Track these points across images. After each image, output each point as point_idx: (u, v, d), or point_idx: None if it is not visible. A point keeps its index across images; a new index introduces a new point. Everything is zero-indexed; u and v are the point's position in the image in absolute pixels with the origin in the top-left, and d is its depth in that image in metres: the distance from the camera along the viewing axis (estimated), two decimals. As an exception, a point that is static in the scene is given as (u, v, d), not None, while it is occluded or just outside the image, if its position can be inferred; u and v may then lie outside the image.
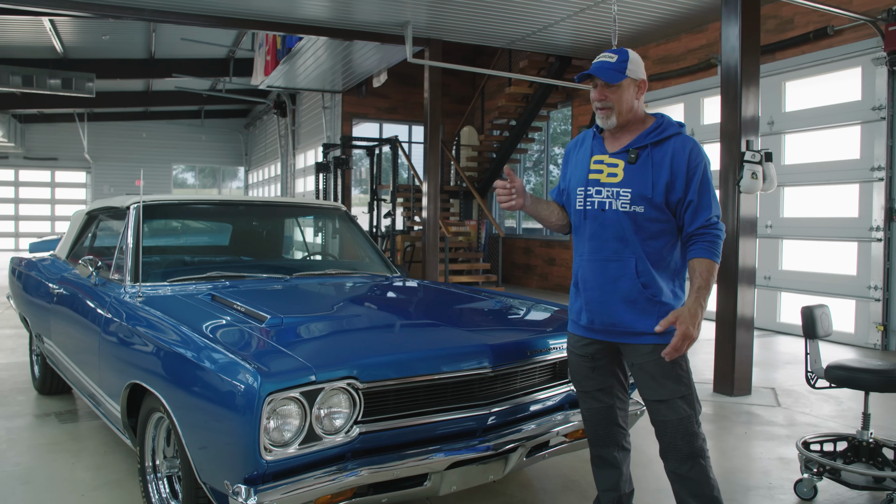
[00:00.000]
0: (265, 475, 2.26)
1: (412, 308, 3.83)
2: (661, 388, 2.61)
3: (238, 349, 2.53)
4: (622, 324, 2.64)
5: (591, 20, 9.27)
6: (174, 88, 18.78)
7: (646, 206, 2.59)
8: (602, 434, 2.84)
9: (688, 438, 2.61)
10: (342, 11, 8.95)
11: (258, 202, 4.85)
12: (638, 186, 2.60)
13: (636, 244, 2.61)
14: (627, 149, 2.65)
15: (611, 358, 2.77)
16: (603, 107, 2.65)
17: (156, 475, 3.02)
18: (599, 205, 2.66)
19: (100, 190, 23.13)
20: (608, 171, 2.66)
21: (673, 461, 2.66)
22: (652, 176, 2.59)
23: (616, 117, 2.64)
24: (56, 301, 4.34)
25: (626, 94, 2.63)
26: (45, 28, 12.46)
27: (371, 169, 13.22)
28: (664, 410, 2.62)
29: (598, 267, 2.67)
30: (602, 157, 2.70)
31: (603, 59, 2.66)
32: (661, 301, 2.61)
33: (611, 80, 2.61)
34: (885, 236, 7.48)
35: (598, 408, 2.81)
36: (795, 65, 8.45)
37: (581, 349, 2.79)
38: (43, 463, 3.91)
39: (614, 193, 2.63)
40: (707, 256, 2.55)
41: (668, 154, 2.60)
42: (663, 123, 2.67)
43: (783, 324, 8.72)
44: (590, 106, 12.00)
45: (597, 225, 2.67)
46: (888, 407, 5.16)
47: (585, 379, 2.80)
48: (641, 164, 2.61)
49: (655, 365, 2.61)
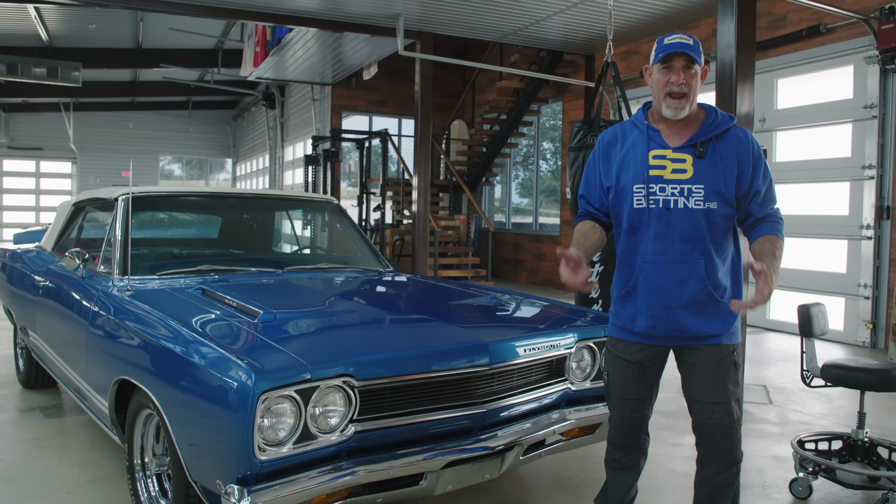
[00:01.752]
0: (258, 475, 2.20)
1: (407, 304, 3.78)
2: (722, 389, 2.51)
3: (231, 345, 2.48)
4: (690, 329, 2.51)
5: (584, 15, 9.22)
6: (162, 79, 18.54)
7: (719, 201, 2.46)
8: (630, 442, 2.71)
9: (736, 443, 2.53)
10: (333, 3, 8.85)
11: (249, 195, 4.78)
12: (710, 181, 2.45)
13: (706, 243, 2.47)
14: (694, 142, 2.49)
15: (660, 366, 2.64)
16: (682, 93, 2.43)
17: (144, 473, 2.97)
18: (664, 203, 2.48)
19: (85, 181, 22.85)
20: (673, 167, 2.48)
21: (717, 466, 2.53)
22: (723, 170, 2.46)
23: (689, 106, 2.46)
24: (42, 294, 4.26)
25: (699, 82, 2.46)
26: (30, 16, 12.25)
27: (360, 162, 13.13)
28: (718, 413, 2.50)
29: (663, 270, 2.50)
30: (664, 153, 2.51)
31: (681, 40, 2.43)
32: (725, 301, 2.51)
33: (699, 61, 2.41)
34: (876, 234, 7.50)
35: (633, 418, 2.67)
36: (788, 62, 8.45)
37: (632, 355, 2.61)
38: (28, 459, 3.84)
39: (684, 191, 2.46)
40: (776, 233, 2.45)
41: (731, 146, 2.48)
42: (718, 114, 2.53)
43: (773, 321, 8.74)
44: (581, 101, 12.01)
45: (661, 225, 2.49)
46: (882, 406, 5.17)
47: (630, 386, 2.64)
48: (710, 157, 2.46)
49: (718, 366, 2.51)
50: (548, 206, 13.81)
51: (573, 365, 3.15)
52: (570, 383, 3.14)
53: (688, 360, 2.57)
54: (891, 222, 7.39)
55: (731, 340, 2.55)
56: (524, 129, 14.06)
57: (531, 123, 13.94)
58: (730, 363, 2.53)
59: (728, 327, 2.53)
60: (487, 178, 14.86)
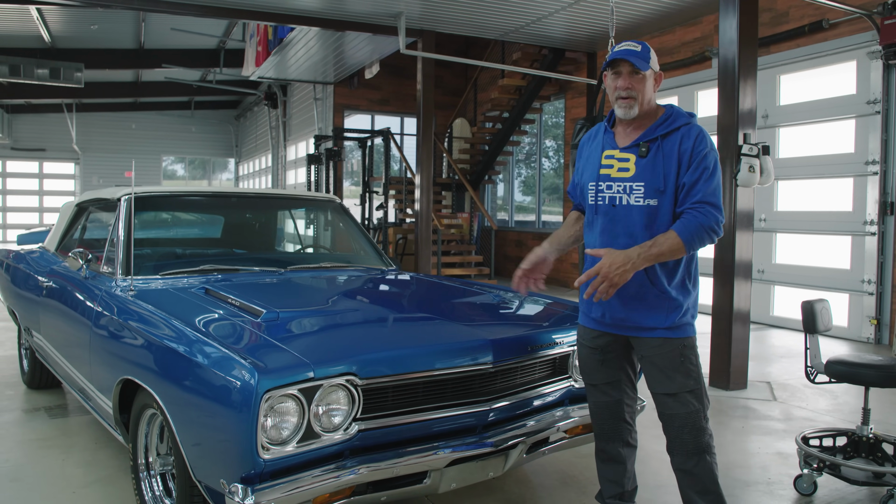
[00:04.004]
0: (262, 474, 2.21)
1: (410, 302, 3.78)
2: (670, 381, 2.60)
3: (234, 344, 2.48)
4: (632, 319, 2.65)
5: (586, 12, 9.21)
6: (164, 79, 18.56)
7: (659, 198, 2.57)
8: (608, 428, 2.83)
9: (695, 433, 2.60)
10: (335, 2, 8.85)
11: (252, 194, 4.78)
12: (650, 180, 2.58)
13: (646, 239, 2.56)
14: (638, 142, 2.63)
15: (620, 352, 2.77)
16: (628, 96, 2.61)
17: (149, 472, 2.97)
18: (610, 200, 2.65)
19: (88, 181, 22.89)
20: (619, 166, 2.66)
21: (679, 456, 2.65)
22: (663, 168, 2.57)
23: (638, 108, 2.62)
24: (45, 294, 4.27)
25: (649, 85, 2.63)
26: (32, 17, 12.27)
27: (363, 161, 13.12)
28: (672, 404, 2.61)
29: None
30: (613, 152, 2.69)
31: (628, 48, 2.61)
32: (670, 296, 2.61)
33: (642, 67, 2.58)
34: (879, 230, 7.47)
35: (606, 401, 2.81)
36: (790, 58, 8.42)
37: (591, 341, 2.79)
38: (32, 459, 3.85)
39: (627, 188, 2.62)
40: (677, 231, 2.50)
41: (676, 143, 2.59)
42: (672, 114, 2.65)
43: (777, 317, 8.72)
44: (583, 98, 12.00)
45: (607, 220, 2.66)
46: (886, 402, 5.15)
47: (594, 371, 2.81)
48: (652, 157, 2.60)
49: (664, 358, 2.61)
50: (551, 203, 13.80)
51: (576, 362, 3.15)
52: (573, 381, 3.14)
53: (639, 351, 2.71)
54: (894, 218, 7.36)
55: (677, 334, 2.61)
56: (526, 127, 14.05)
57: (533, 121, 13.93)
58: (677, 356, 2.60)
59: (671, 321, 2.61)
60: (490, 177, 14.85)
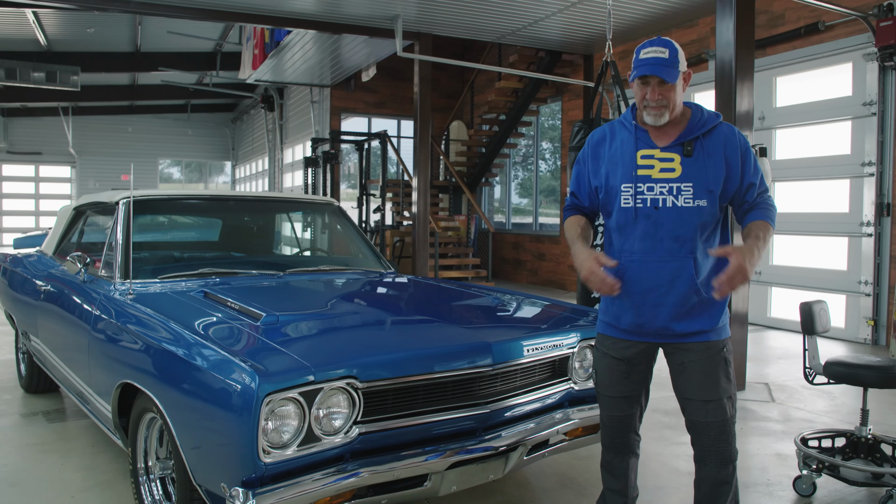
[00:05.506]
0: (263, 478, 2.20)
1: (409, 305, 3.77)
2: (713, 386, 2.51)
3: (234, 347, 2.48)
4: (678, 327, 2.52)
5: (582, 15, 9.22)
6: (160, 82, 18.54)
7: (709, 199, 2.48)
8: (619, 442, 2.74)
9: (730, 441, 2.53)
10: (331, 5, 8.85)
11: (249, 197, 4.78)
12: (699, 179, 2.48)
13: (694, 242, 2.49)
14: (681, 141, 2.51)
15: (647, 364, 2.66)
16: (659, 105, 2.47)
17: (148, 477, 2.96)
18: (653, 202, 2.50)
19: (85, 185, 22.85)
20: (661, 167, 2.51)
21: (713, 465, 2.54)
22: (713, 167, 2.49)
23: (669, 114, 2.49)
24: (43, 298, 4.26)
25: (679, 90, 2.49)
26: (28, 20, 12.26)
27: (360, 164, 13.13)
28: (711, 411, 2.51)
29: (651, 268, 2.52)
30: (652, 152, 2.54)
31: (655, 55, 2.45)
32: (712, 298, 2.49)
33: (671, 79, 2.44)
34: (876, 231, 7.49)
35: (620, 417, 2.70)
36: (786, 60, 8.45)
37: (619, 352, 2.65)
38: (31, 464, 3.83)
39: (673, 189, 2.49)
40: (766, 219, 2.48)
41: (719, 143, 2.51)
42: (704, 113, 2.56)
43: (774, 318, 8.73)
44: (580, 101, 12.01)
45: (650, 223, 2.51)
46: (884, 402, 5.16)
47: (616, 384, 2.67)
48: (698, 156, 2.50)
49: (710, 363, 2.52)
50: (547, 206, 13.81)
51: (576, 364, 3.15)
52: (573, 383, 3.14)
53: (677, 358, 2.58)
54: (891, 219, 7.38)
55: (719, 336, 2.55)
56: (523, 130, 14.06)
57: (530, 123, 13.94)
58: (720, 359, 2.53)
59: (716, 322, 2.54)
60: (487, 179, 14.85)
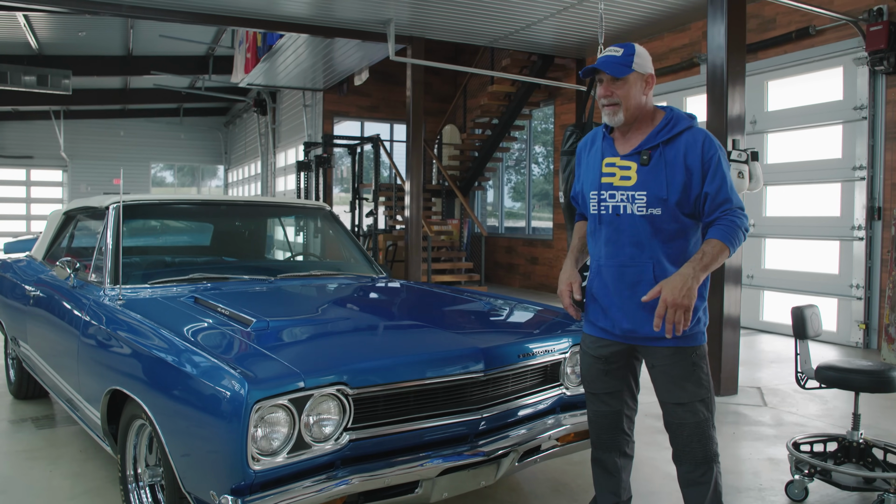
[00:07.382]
0: (252, 485, 2.19)
1: (401, 310, 3.76)
2: (681, 391, 2.56)
3: (223, 354, 2.46)
4: (642, 330, 2.58)
5: (574, 19, 9.25)
6: (153, 86, 18.48)
7: (662, 207, 2.51)
8: (605, 438, 2.79)
9: (704, 442, 2.57)
10: (323, 9, 8.85)
11: (241, 202, 4.76)
12: (653, 188, 2.52)
13: (654, 248, 2.54)
14: (639, 150, 2.56)
15: (625, 362, 2.72)
16: (609, 103, 2.56)
17: (137, 484, 2.94)
18: (614, 209, 2.59)
19: (77, 189, 22.75)
20: (621, 175, 2.58)
21: (687, 465, 2.61)
22: (666, 176, 2.51)
23: (623, 113, 2.55)
24: (32, 303, 4.23)
25: (634, 90, 2.54)
26: (19, 23, 12.20)
27: (352, 168, 13.10)
28: (682, 413, 2.56)
29: (614, 272, 2.61)
30: (614, 160, 2.61)
31: (608, 53, 2.57)
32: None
33: (616, 74, 2.52)
34: (867, 235, 7.52)
35: (605, 412, 2.76)
36: (777, 64, 8.48)
37: (596, 350, 2.73)
38: (19, 471, 3.80)
39: (629, 197, 2.55)
40: (718, 237, 2.44)
41: (680, 151, 2.52)
42: (673, 118, 2.58)
43: (766, 322, 8.75)
44: (573, 105, 12.03)
45: (612, 230, 2.60)
46: (876, 407, 5.17)
47: (596, 381, 2.75)
48: (654, 164, 2.53)
49: (676, 368, 2.56)
50: (540, 209, 13.82)
51: (568, 370, 3.15)
52: (564, 388, 3.14)
53: (648, 361, 2.66)
54: (882, 223, 7.42)
55: (689, 343, 2.57)
56: (516, 134, 14.08)
57: (523, 127, 13.95)
58: (688, 365, 2.56)
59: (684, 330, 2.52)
60: (480, 183, 14.86)
